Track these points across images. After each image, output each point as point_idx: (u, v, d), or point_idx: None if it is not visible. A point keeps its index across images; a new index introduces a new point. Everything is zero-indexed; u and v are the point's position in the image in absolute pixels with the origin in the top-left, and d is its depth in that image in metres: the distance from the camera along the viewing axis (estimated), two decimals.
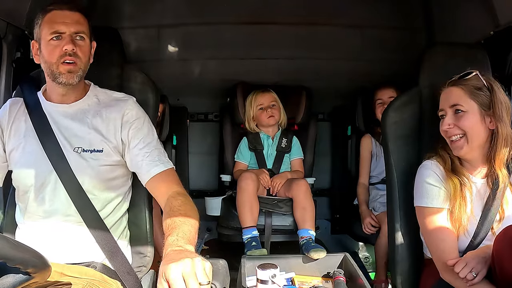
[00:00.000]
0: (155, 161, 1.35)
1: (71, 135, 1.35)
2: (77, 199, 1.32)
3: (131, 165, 1.38)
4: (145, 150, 1.36)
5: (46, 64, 1.33)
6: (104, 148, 1.36)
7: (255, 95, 2.42)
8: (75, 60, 1.32)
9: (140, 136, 1.38)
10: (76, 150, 1.34)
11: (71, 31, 1.32)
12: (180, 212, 1.18)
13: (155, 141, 1.40)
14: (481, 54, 1.62)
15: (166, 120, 2.49)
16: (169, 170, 1.36)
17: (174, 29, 2.48)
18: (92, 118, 1.38)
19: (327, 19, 2.44)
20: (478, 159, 1.42)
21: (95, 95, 1.42)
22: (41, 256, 0.96)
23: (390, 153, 1.58)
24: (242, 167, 2.41)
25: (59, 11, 1.32)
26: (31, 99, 1.40)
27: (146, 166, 1.34)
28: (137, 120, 1.39)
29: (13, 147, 1.37)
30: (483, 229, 1.38)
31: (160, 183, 1.34)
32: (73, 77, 1.32)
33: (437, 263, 1.39)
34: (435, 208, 1.39)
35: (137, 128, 1.38)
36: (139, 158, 1.36)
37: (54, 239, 1.32)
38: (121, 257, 1.37)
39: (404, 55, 2.33)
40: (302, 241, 1.98)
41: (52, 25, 1.31)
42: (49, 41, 1.31)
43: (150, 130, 1.41)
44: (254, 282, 1.49)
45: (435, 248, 1.39)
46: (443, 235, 1.37)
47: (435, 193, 1.39)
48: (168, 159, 1.39)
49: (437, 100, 1.45)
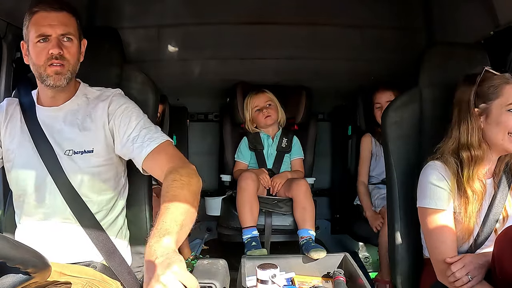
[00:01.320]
0: (144, 142, 1.29)
1: (62, 138, 1.35)
2: (72, 202, 1.32)
3: (125, 154, 1.35)
4: (133, 135, 1.31)
5: (34, 66, 1.32)
6: (95, 147, 1.35)
7: (250, 98, 2.43)
8: (62, 63, 1.30)
9: (126, 122, 1.33)
10: (67, 153, 1.33)
11: (57, 33, 1.29)
12: (169, 193, 1.08)
13: (142, 121, 1.34)
14: (481, 54, 1.62)
15: (166, 120, 2.50)
16: (159, 146, 1.28)
17: (174, 29, 2.48)
18: (82, 120, 1.37)
19: (327, 19, 2.44)
20: (496, 156, 1.42)
21: (84, 94, 1.41)
22: (41, 256, 0.97)
23: (390, 153, 1.58)
24: (242, 166, 2.41)
25: (44, 13, 1.28)
26: (26, 101, 1.39)
27: (137, 150, 1.29)
28: (119, 108, 1.36)
29: (9, 147, 1.37)
30: (486, 229, 1.38)
31: (153, 163, 1.27)
32: (60, 79, 1.31)
33: (435, 265, 1.39)
34: (438, 209, 1.38)
35: (122, 116, 1.35)
36: (129, 144, 1.31)
37: (53, 239, 1.32)
38: (118, 258, 1.37)
39: (404, 55, 2.33)
40: (302, 241, 1.98)
41: (38, 27, 1.28)
42: (36, 43, 1.29)
43: (134, 113, 1.36)
44: (254, 282, 1.49)
45: (434, 249, 1.39)
46: (443, 237, 1.37)
47: (439, 194, 1.38)
48: (159, 134, 1.32)
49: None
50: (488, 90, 1.38)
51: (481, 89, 1.39)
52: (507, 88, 1.37)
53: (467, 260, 1.30)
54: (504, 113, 1.36)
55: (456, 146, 1.41)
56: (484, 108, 1.39)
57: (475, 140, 1.39)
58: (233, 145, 2.51)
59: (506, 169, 1.44)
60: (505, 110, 1.36)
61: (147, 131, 1.32)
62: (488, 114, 1.38)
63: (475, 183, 1.38)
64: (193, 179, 1.16)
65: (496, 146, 1.39)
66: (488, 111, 1.38)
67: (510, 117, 1.36)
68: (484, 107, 1.39)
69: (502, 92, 1.37)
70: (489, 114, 1.38)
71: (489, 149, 1.40)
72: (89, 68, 1.43)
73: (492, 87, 1.38)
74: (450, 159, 1.40)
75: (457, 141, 1.41)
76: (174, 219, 1.00)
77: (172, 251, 0.90)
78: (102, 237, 1.35)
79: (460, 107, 1.43)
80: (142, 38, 2.46)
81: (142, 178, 1.51)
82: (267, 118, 2.39)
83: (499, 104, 1.37)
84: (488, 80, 1.39)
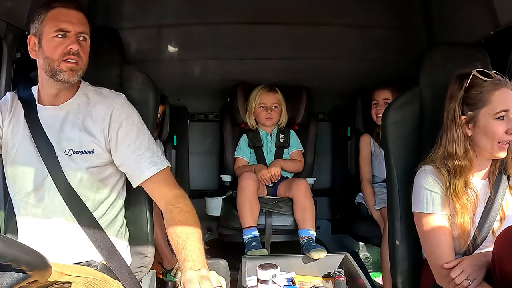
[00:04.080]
0: (146, 164, 1.33)
1: (62, 137, 1.35)
2: (70, 202, 1.32)
3: (121, 166, 1.37)
4: (137, 153, 1.34)
5: (46, 60, 1.32)
6: (95, 148, 1.35)
7: (260, 93, 2.41)
8: (77, 60, 1.32)
9: (131, 138, 1.35)
10: (67, 153, 1.33)
11: (76, 30, 1.31)
12: (182, 221, 1.25)
13: (146, 141, 1.37)
14: (481, 54, 1.62)
15: (166, 120, 2.50)
16: (161, 172, 1.34)
17: (174, 29, 2.48)
18: (83, 119, 1.36)
19: (327, 19, 2.44)
20: (487, 160, 1.40)
21: (84, 94, 1.41)
22: (40, 256, 0.96)
23: (390, 153, 1.58)
24: (243, 163, 2.41)
25: (65, 9, 1.31)
26: (27, 99, 1.39)
27: (138, 169, 1.34)
28: (125, 120, 1.36)
29: (11, 141, 1.36)
30: (484, 230, 1.37)
31: (153, 186, 1.35)
32: (74, 76, 1.32)
33: (433, 269, 1.39)
34: (432, 213, 1.37)
35: (126, 129, 1.35)
36: (131, 161, 1.34)
37: (53, 239, 1.32)
38: (118, 258, 1.37)
39: (404, 55, 2.34)
40: (303, 241, 1.98)
41: (57, 22, 1.30)
42: (53, 38, 1.30)
43: (140, 130, 1.38)
44: (255, 282, 1.49)
45: (431, 253, 1.38)
46: (438, 240, 1.36)
47: (432, 199, 1.37)
48: (161, 159, 1.37)
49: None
50: (476, 97, 1.34)
51: (469, 96, 1.36)
52: (496, 94, 1.32)
53: (465, 265, 1.29)
54: (491, 122, 1.32)
55: (445, 155, 1.38)
56: (472, 116, 1.35)
57: (460, 150, 1.36)
58: (234, 145, 2.51)
59: (502, 167, 1.41)
60: (492, 118, 1.32)
61: (151, 153, 1.35)
62: (475, 122, 1.35)
63: (467, 192, 1.36)
64: (192, 210, 1.30)
65: (485, 154, 1.37)
66: (476, 119, 1.34)
67: (498, 126, 1.31)
68: (471, 115, 1.35)
69: (491, 99, 1.32)
70: (477, 122, 1.34)
71: (476, 156, 1.37)
72: (89, 68, 1.43)
73: (479, 94, 1.33)
74: (441, 168, 1.38)
75: (446, 149, 1.39)
76: (196, 247, 1.19)
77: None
78: (101, 236, 1.35)
79: (448, 114, 1.39)
80: (142, 38, 2.46)
81: None
82: (268, 119, 2.39)
83: (486, 113, 1.33)
84: (476, 87, 1.35)
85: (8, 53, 1.70)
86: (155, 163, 1.34)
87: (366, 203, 2.36)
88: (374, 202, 2.32)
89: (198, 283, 1.04)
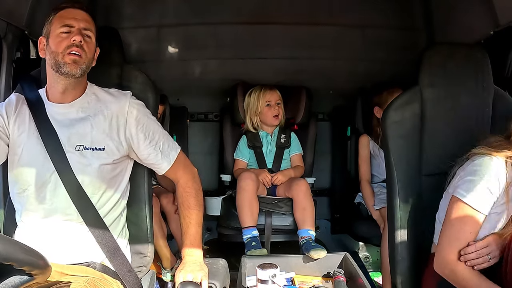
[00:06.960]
0: (165, 153, 1.44)
1: (72, 133, 1.36)
2: (76, 199, 1.33)
3: (147, 159, 1.44)
4: (158, 144, 1.43)
5: (51, 54, 1.35)
6: (107, 146, 1.37)
7: (264, 91, 2.41)
8: (80, 53, 1.34)
9: (148, 133, 1.42)
10: (78, 149, 1.34)
11: (80, 26, 1.37)
12: (189, 206, 1.46)
13: (160, 130, 1.46)
14: (481, 54, 1.62)
15: (166, 120, 2.50)
16: (176, 158, 1.46)
17: (174, 29, 2.49)
18: (94, 116, 1.38)
19: (327, 19, 2.45)
20: None
21: (93, 93, 1.43)
22: (40, 256, 0.96)
23: (390, 153, 1.58)
24: (242, 164, 2.41)
25: (71, 9, 1.38)
26: (33, 97, 1.40)
27: (161, 160, 1.44)
28: (141, 118, 1.42)
29: (17, 140, 1.37)
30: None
31: (173, 171, 1.47)
32: (76, 68, 1.34)
33: (438, 253, 1.32)
34: (475, 209, 1.27)
35: (143, 126, 1.42)
36: (152, 154, 1.43)
37: (54, 239, 1.32)
38: (121, 257, 1.37)
39: (404, 55, 2.34)
40: (302, 241, 1.98)
41: (63, 20, 1.36)
42: (59, 34, 1.35)
43: (153, 121, 1.46)
44: (254, 282, 1.49)
45: (446, 241, 1.29)
46: (460, 234, 1.28)
47: (487, 198, 1.26)
48: (173, 144, 1.47)
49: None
50: None
51: None
52: None
53: (491, 240, 1.25)
54: None
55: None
56: None
57: None
58: (233, 145, 2.51)
59: None
60: None
61: (165, 140, 1.46)
62: None
63: None
64: (198, 195, 1.50)
65: None
66: None
67: None
68: None
69: None
70: None
71: None
72: None
73: None
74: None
75: None
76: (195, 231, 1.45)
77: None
78: (106, 235, 1.35)
79: None
80: (142, 38, 2.46)
81: (142, 178, 1.51)
82: (275, 117, 2.39)
83: None
84: None
85: (8, 53, 1.70)
86: (171, 148, 1.46)
87: (366, 203, 2.36)
88: (373, 202, 2.32)
89: None
